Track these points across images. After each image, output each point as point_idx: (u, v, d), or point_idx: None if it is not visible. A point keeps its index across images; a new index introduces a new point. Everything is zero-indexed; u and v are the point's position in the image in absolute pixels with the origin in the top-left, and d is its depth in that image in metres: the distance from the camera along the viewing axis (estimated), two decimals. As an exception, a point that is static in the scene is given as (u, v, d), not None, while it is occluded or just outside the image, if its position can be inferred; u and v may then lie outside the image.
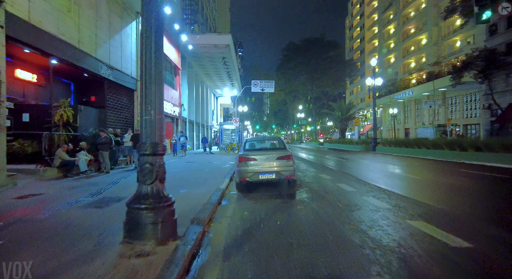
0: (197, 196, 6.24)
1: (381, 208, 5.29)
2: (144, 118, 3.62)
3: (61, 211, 4.96)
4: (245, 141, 8.29)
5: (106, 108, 12.65)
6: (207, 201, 5.65)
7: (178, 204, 5.53)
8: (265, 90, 23.46)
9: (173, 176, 9.73)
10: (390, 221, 4.51)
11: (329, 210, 5.20)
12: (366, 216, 4.81)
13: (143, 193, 3.55)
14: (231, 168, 12.29)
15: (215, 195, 6.26)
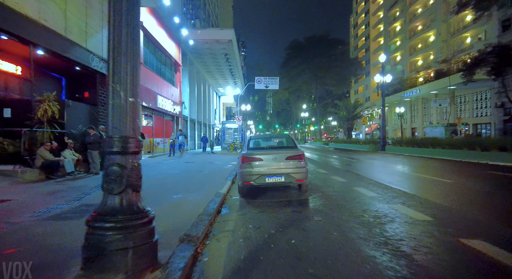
0: (193, 203, 5.23)
1: (419, 220, 4.25)
2: (111, 103, 2.63)
3: (19, 225, 3.97)
4: (249, 138, 7.26)
5: (98, 104, 11.69)
6: (204, 211, 4.65)
7: (168, 214, 4.52)
8: (269, 87, 22.43)
9: (168, 178, 8.74)
10: (438, 240, 3.48)
11: (354, 224, 4.17)
12: (404, 231, 3.78)
13: (108, 206, 2.57)
14: (233, 169, 11.28)
15: (214, 202, 5.26)
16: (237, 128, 28.52)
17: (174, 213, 4.52)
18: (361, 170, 11.14)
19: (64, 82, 13.06)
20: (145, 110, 16.94)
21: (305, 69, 45.60)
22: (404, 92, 44.55)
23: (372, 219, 4.36)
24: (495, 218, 4.39)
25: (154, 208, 4.94)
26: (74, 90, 13.01)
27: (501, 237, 3.58)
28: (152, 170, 11.00)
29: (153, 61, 18.49)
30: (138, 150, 2.72)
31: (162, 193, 6.29)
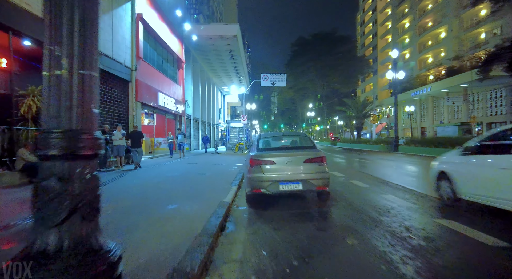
0: (190, 216, 4.23)
1: (495, 246, 3.20)
2: (47, 77, 1.63)
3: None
4: (258, 137, 6.25)
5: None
6: (203, 229, 3.64)
7: (156, 234, 3.42)
8: (276, 84, 21.40)
9: (165, 182, 7.75)
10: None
11: (405, 251, 3.12)
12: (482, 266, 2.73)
13: (38, 248, 1.56)
14: (239, 171, 10.27)
15: (216, 216, 4.25)
16: (242, 128, 27.53)
17: (165, 232, 3.52)
18: (380, 173, 10.06)
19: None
20: (145, 108, 16.02)
21: (311, 67, 44.47)
22: (413, 91, 43.20)
23: (426, 244, 3.30)
24: None
25: (141, 224, 3.88)
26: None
27: None
28: (149, 172, 10.04)
29: (154, 57, 17.58)
30: (94, 153, 1.71)
31: (155, 201, 5.30)
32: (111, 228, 3.62)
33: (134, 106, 13.73)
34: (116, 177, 8.60)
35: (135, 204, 5.09)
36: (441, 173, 5.21)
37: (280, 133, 6.85)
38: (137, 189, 6.64)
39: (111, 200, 5.45)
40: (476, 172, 4.43)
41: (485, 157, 4.32)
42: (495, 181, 3.98)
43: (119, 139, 10.74)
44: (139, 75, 14.34)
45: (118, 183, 7.50)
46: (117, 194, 6.10)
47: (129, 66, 13.43)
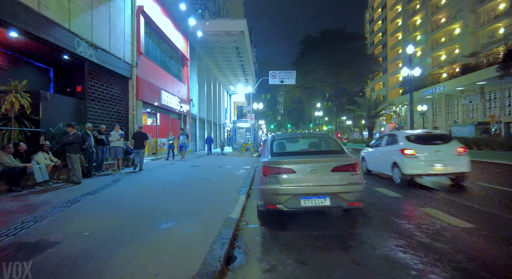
0: (188, 242, 3.26)
1: None
2: None
3: None
4: (272, 139, 5.15)
5: (87, 98, 9.90)
6: (202, 264, 2.66)
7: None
8: (285, 81, 20.36)
9: (163, 189, 6.79)
10: None
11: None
12: None
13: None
14: (247, 175, 9.29)
15: (221, 242, 3.26)
16: (249, 128, 26.53)
17: (149, 274, 2.54)
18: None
19: (52, 74, 11.33)
20: (147, 107, 15.14)
21: (320, 65, 43.11)
22: (425, 89, 41.74)
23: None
24: None
25: (117, 263, 2.72)
26: (65, 83, 11.24)
27: None
28: (148, 176, 9.11)
29: (156, 53, 16.70)
30: None
31: (147, 217, 4.34)
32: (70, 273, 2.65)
33: (134, 105, 12.85)
34: (110, 182, 7.68)
35: (121, 223, 4.13)
36: (362, 158, 10.33)
37: (298, 134, 5.65)
38: (130, 199, 5.69)
39: (94, 215, 4.52)
40: (371, 156, 9.71)
41: (373, 149, 9.61)
42: (376, 160, 9.32)
43: (117, 140, 9.84)
44: (140, 71, 13.46)
45: (110, 191, 6.57)
46: (104, 206, 5.16)
47: (129, 62, 12.55)
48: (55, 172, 7.62)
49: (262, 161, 4.38)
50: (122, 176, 8.93)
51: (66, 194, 6.18)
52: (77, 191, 6.43)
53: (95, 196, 5.94)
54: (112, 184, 7.41)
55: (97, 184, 7.36)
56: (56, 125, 8.16)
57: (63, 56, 9.33)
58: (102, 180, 8.10)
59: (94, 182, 7.81)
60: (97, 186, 7.12)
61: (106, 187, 6.96)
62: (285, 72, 20.52)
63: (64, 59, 9.58)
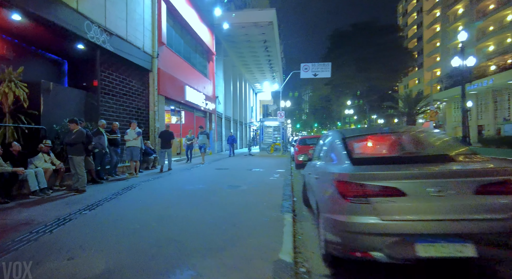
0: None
1: None
2: None
3: None
4: (341, 136, 3.25)
5: (100, 91, 8.66)
6: None
7: None
8: (318, 75, 18.44)
9: (179, 206, 5.22)
10: None
11: None
12: None
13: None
14: (284, 181, 7.67)
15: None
16: (277, 126, 24.80)
17: None
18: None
19: (66, 67, 10.27)
20: (171, 104, 13.89)
21: (350, 60, 40.42)
22: (470, 84, 37.93)
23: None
24: None
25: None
26: (80, 77, 10.10)
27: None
28: (166, 182, 7.67)
29: (180, 45, 15.43)
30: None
31: (150, 261, 2.79)
32: None
33: (155, 100, 11.58)
34: (120, 191, 6.29)
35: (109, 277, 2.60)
36: None
37: (384, 129, 3.81)
38: (135, 221, 4.19)
39: (74, 252, 3.04)
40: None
41: None
42: None
43: (133, 139, 8.53)
44: (162, 64, 12.18)
45: (115, 205, 5.14)
46: (97, 233, 3.68)
47: (149, 52, 11.28)
48: (57, 177, 6.36)
49: (335, 172, 2.68)
50: (138, 182, 7.56)
51: (60, 208, 4.81)
52: (75, 204, 5.07)
53: (94, 213, 4.52)
54: (122, 194, 6.01)
55: (104, 193, 6.00)
56: (60, 122, 6.92)
57: (74, 45, 8.16)
58: (113, 187, 6.75)
59: (102, 190, 6.46)
60: (103, 196, 5.75)
61: (113, 198, 5.56)
62: (319, 64, 18.60)
63: (76, 49, 8.41)
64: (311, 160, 4.88)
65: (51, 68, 9.88)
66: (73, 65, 10.25)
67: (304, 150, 11.75)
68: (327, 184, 2.81)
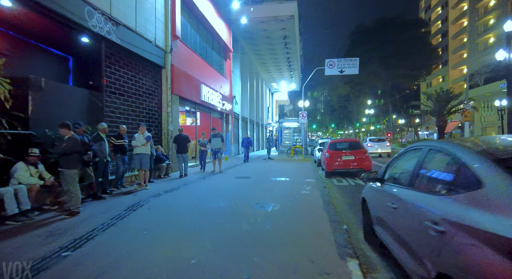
0: None
1: None
2: None
3: None
4: (487, 152, 1.88)
5: (104, 89, 7.51)
6: None
7: None
8: (345, 71, 16.85)
9: (191, 237, 3.86)
10: None
11: None
12: None
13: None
14: (321, 197, 6.27)
15: None
16: (297, 128, 23.30)
17: None
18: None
19: (71, 63, 9.23)
20: (185, 104, 12.70)
21: (373, 57, 38.35)
22: (503, 81, 35.27)
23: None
24: None
25: None
26: (86, 75, 9.10)
27: None
28: (181, 197, 6.39)
29: (196, 41, 14.25)
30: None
31: None
32: None
33: (169, 100, 10.39)
34: (123, 212, 5.05)
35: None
36: None
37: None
38: (132, 276, 2.90)
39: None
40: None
41: None
42: None
43: (142, 145, 7.33)
44: (176, 60, 11.00)
45: (107, 241, 3.88)
46: None
47: (162, 47, 10.11)
48: (48, 194, 5.19)
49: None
50: (147, 197, 6.33)
51: (35, 245, 3.57)
52: (59, 237, 3.83)
53: (78, 256, 3.26)
54: (125, 217, 4.77)
55: (102, 216, 4.77)
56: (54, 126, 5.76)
57: (76, 37, 7.05)
58: (115, 206, 5.53)
59: (102, 209, 5.25)
60: (99, 221, 4.51)
61: (111, 225, 4.32)
62: (346, 60, 16.99)
63: (80, 43, 7.30)
64: (380, 179, 3.47)
65: (55, 65, 8.86)
66: (78, 61, 9.20)
67: (336, 157, 10.28)
68: (473, 245, 1.44)
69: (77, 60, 9.21)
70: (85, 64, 9.08)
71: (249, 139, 16.34)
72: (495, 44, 42.92)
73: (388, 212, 2.94)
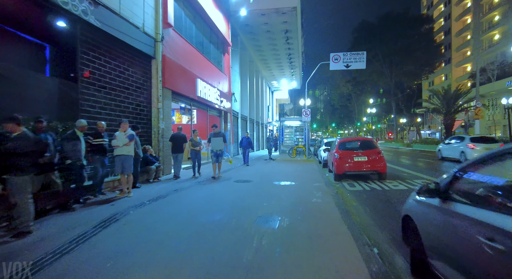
0: None
1: None
2: None
3: None
4: None
5: (80, 80, 6.40)
6: None
7: None
8: (352, 66, 15.75)
9: (181, 266, 2.79)
10: None
11: None
12: None
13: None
14: (335, 205, 5.18)
15: None
16: (299, 126, 22.21)
17: None
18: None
19: (48, 52, 8.11)
20: (180, 100, 11.59)
21: (377, 54, 37.27)
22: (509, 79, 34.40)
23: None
24: None
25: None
26: (66, 66, 7.97)
27: None
28: (166, 207, 5.28)
29: (192, 31, 13.14)
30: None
31: None
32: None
33: (159, 95, 9.30)
34: (90, 230, 3.95)
35: None
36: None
37: None
38: None
39: None
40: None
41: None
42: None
43: (124, 145, 6.23)
44: (169, 50, 9.91)
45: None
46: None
47: (151, 35, 9.00)
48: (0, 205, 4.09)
49: None
50: (126, 208, 5.22)
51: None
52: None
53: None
54: (91, 237, 3.68)
55: (60, 237, 3.67)
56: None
57: (47, 19, 5.94)
58: (84, 220, 4.44)
59: (65, 225, 4.15)
60: (54, 244, 3.42)
61: (65, 253, 3.21)
62: (352, 54, 15.88)
63: (53, 27, 6.21)
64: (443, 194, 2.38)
65: (29, 53, 7.75)
66: (56, 50, 8.09)
67: (347, 157, 9.19)
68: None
69: (55, 49, 8.10)
70: (64, 53, 7.96)
71: (249, 139, 14.26)
72: (501, 41, 41.89)
73: (470, 248, 1.86)
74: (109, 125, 7.06)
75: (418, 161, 16.56)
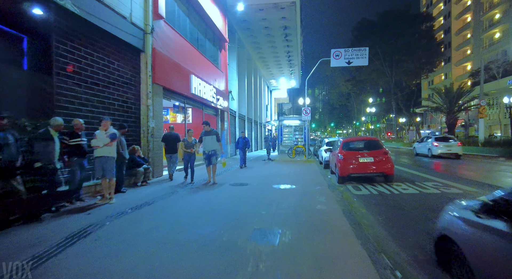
0: None
1: None
2: None
3: None
4: None
5: (55, 72, 5.73)
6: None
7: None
8: (353, 62, 15.09)
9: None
10: None
11: None
12: None
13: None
14: (342, 213, 4.54)
15: None
16: (298, 126, 21.61)
17: None
18: None
19: (25, 44, 7.39)
20: (171, 96, 10.90)
21: (377, 53, 36.68)
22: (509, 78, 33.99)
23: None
24: None
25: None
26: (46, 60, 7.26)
27: None
28: (152, 216, 4.59)
29: (185, 25, 12.45)
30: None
31: None
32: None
33: (149, 91, 8.61)
34: (39, 256, 3.27)
35: None
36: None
37: None
38: None
39: None
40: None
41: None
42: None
43: (105, 145, 5.54)
44: (160, 44, 9.22)
45: None
46: None
47: (140, 26, 8.31)
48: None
49: None
50: (103, 219, 4.54)
51: None
52: None
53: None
54: (51, 257, 3.00)
55: (14, 257, 2.99)
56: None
57: (27, 8, 5.29)
58: (51, 233, 3.76)
59: (25, 241, 3.48)
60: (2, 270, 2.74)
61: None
62: (354, 50, 15.23)
63: (35, 18, 5.59)
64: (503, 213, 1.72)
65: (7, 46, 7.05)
66: (35, 42, 7.38)
67: (351, 158, 8.53)
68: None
69: (34, 40, 7.39)
70: (43, 44, 7.26)
71: (246, 139, 12.99)
72: (502, 40, 41.38)
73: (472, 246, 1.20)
74: (91, 123, 6.38)
75: (420, 161, 15.92)
